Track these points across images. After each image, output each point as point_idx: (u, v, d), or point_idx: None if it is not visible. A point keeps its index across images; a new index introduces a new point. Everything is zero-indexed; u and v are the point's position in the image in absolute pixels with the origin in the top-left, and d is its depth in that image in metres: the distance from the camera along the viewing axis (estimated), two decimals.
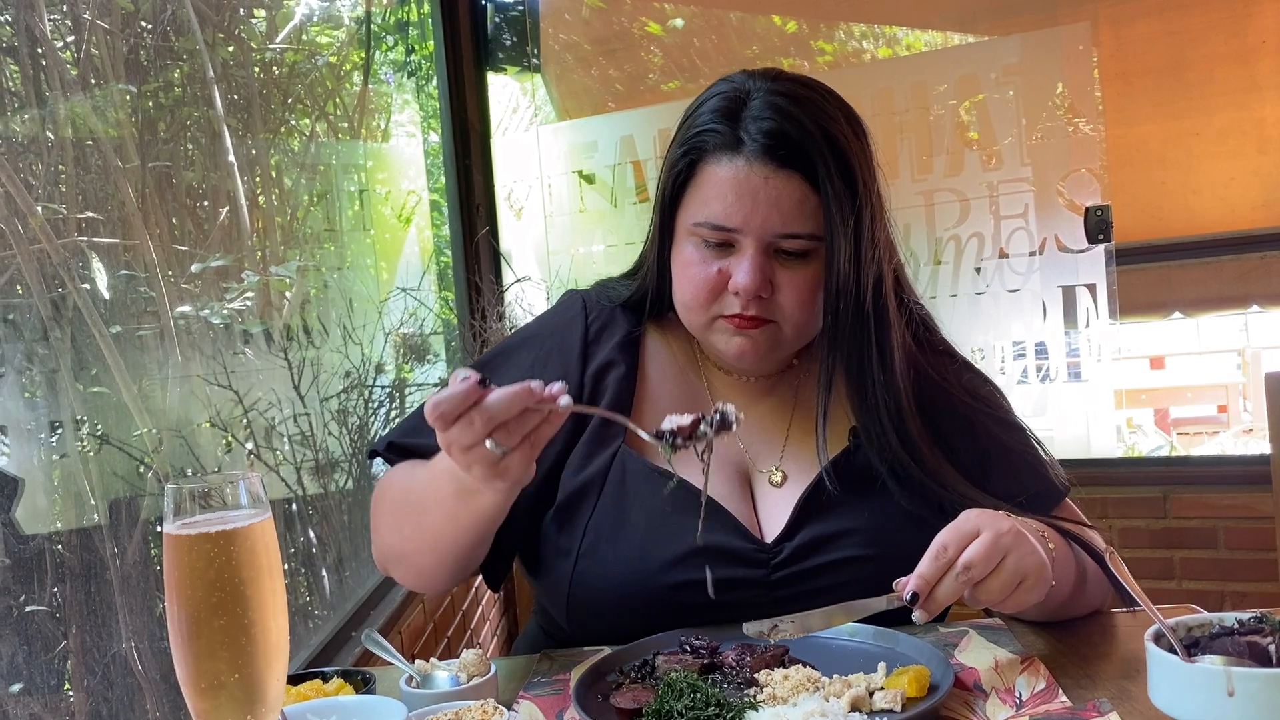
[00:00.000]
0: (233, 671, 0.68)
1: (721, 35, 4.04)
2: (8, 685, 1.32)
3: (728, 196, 1.17)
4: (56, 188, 1.59)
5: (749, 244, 1.18)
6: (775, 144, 1.16)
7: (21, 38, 1.52)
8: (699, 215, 1.20)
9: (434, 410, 0.97)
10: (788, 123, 1.16)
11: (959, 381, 1.33)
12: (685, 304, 1.25)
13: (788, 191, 1.17)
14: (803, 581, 1.21)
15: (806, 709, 0.93)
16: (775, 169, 1.16)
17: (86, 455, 1.59)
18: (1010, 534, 1.03)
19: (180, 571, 0.68)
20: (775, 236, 1.18)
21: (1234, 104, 3.55)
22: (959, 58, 3.42)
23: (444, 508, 1.14)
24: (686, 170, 1.22)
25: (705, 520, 1.16)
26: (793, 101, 1.18)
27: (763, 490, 1.28)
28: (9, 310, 1.44)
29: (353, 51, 2.85)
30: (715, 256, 1.20)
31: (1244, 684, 0.81)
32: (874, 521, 1.22)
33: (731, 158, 1.18)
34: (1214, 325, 5.20)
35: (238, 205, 2.04)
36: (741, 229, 1.18)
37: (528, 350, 1.36)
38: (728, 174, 1.18)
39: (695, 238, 1.22)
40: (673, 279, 1.27)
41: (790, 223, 1.17)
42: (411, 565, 1.25)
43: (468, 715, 0.94)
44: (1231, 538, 2.83)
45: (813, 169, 1.16)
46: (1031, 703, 0.98)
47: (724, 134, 1.18)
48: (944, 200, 3.19)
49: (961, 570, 1.01)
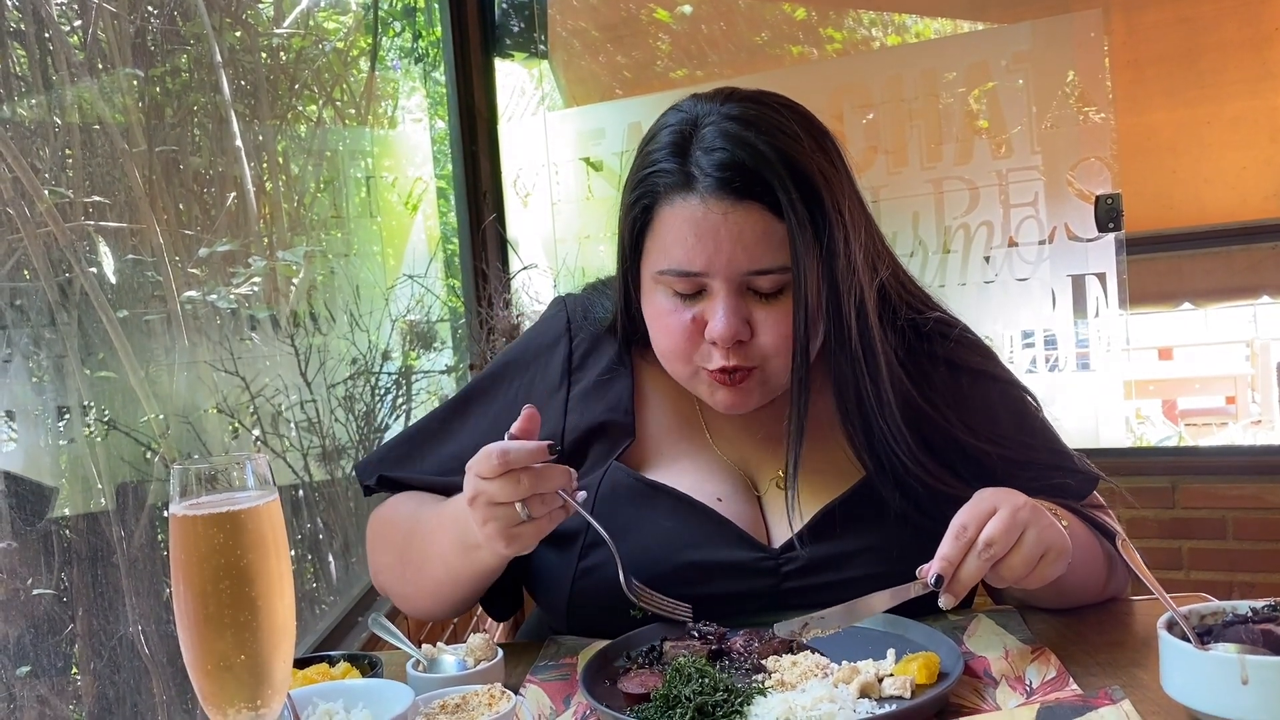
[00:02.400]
0: (239, 653, 0.68)
1: (730, 22, 4.03)
2: (15, 668, 1.32)
3: (688, 240, 1.09)
4: (63, 172, 1.58)
5: (719, 286, 1.10)
6: (730, 175, 1.08)
7: (29, 21, 1.52)
8: (661, 264, 1.12)
9: (502, 458, 0.98)
10: (740, 150, 1.08)
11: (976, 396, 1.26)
12: (666, 355, 1.18)
13: (750, 225, 1.08)
14: (814, 594, 1.15)
15: (815, 695, 0.93)
16: (733, 203, 1.08)
17: (93, 440, 1.59)
18: (1027, 508, 1.01)
19: (187, 553, 0.68)
20: (745, 275, 1.10)
21: (1247, 92, 3.52)
22: (969, 45, 3.40)
23: (445, 561, 1.14)
24: (643, 216, 1.14)
25: (710, 534, 1.16)
26: (744, 125, 1.09)
27: (770, 494, 1.24)
28: (16, 295, 1.44)
29: (359, 37, 2.84)
30: (688, 304, 1.13)
31: (1258, 672, 0.81)
32: (886, 540, 1.16)
33: (685, 197, 1.09)
34: (1223, 316, 5.17)
35: (245, 191, 2.03)
36: (707, 271, 1.09)
37: (510, 379, 1.33)
38: (684, 215, 1.09)
39: (664, 287, 1.14)
40: (649, 330, 1.19)
41: (757, 258, 1.09)
42: (407, 603, 1.27)
43: (474, 699, 0.94)
44: (1240, 528, 2.82)
45: (774, 196, 1.08)
46: (1042, 690, 0.97)
47: (674, 172, 1.10)
48: (953, 188, 3.18)
49: (983, 548, 0.99)
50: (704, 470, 1.23)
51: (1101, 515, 1.25)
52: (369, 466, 1.34)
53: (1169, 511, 2.92)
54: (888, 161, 3.25)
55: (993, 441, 1.21)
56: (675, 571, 1.15)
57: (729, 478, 1.24)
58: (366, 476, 1.34)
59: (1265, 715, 0.80)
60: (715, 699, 0.93)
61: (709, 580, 1.15)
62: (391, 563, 1.26)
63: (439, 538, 1.15)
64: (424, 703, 0.94)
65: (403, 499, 1.30)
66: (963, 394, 1.25)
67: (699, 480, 1.22)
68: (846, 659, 1.01)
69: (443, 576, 1.17)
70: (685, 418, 1.28)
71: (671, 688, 0.94)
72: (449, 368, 3.08)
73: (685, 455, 1.25)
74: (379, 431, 2.60)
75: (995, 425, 1.23)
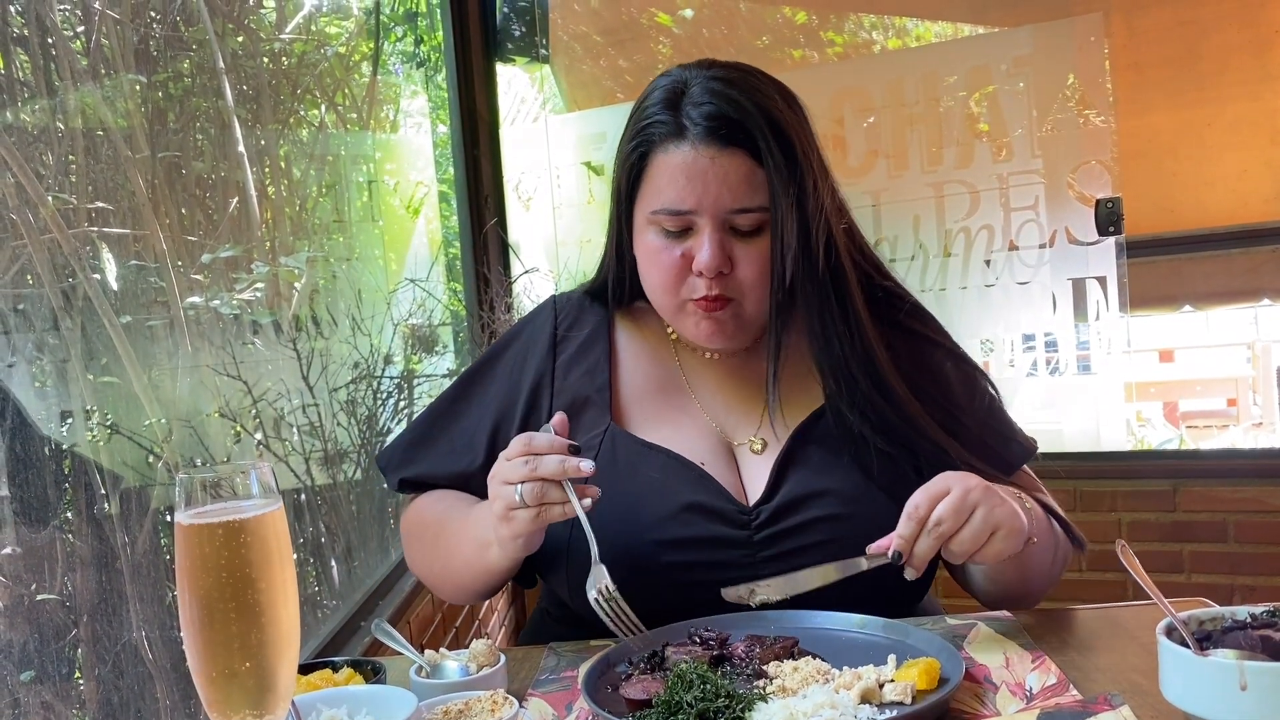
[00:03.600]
0: (244, 661, 0.68)
1: (731, 26, 4.03)
2: (19, 673, 1.33)
3: (679, 181, 1.24)
4: (66, 178, 1.59)
5: (705, 223, 1.24)
6: (717, 125, 1.23)
7: (32, 27, 1.52)
8: (655, 203, 1.26)
9: (525, 443, 1.15)
10: (726, 104, 1.23)
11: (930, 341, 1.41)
12: (655, 289, 1.32)
13: (734, 168, 1.23)
14: (783, 541, 1.26)
15: (816, 701, 0.93)
16: (720, 149, 1.23)
17: (97, 445, 1.60)
18: (979, 489, 1.11)
19: (192, 561, 0.68)
20: (728, 213, 1.24)
21: (1247, 95, 3.52)
22: (969, 49, 3.41)
23: (467, 562, 1.29)
24: (639, 163, 1.29)
25: (694, 486, 1.27)
26: (728, 84, 1.25)
27: (745, 459, 1.35)
28: (20, 300, 1.45)
29: (361, 42, 2.85)
30: (676, 241, 1.27)
31: (1257, 678, 0.81)
32: (848, 482, 1.28)
33: (678, 144, 1.24)
34: (1224, 319, 5.18)
35: (247, 196, 2.04)
36: (696, 210, 1.24)
37: (505, 357, 1.46)
38: (677, 160, 1.24)
39: (655, 226, 1.28)
40: (640, 268, 1.34)
41: (740, 198, 1.23)
42: (441, 592, 1.44)
43: (477, 705, 0.94)
44: (1241, 531, 2.82)
45: (755, 144, 1.23)
46: (1042, 695, 0.98)
47: (669, 123, 1.25)
48: (954, 192, 3.18)
49: (933, 526, 1.10)
50: (688, 431, 1.36)
51: (1044, 498, 1.36)
52: (392, 456, 1.49)
53: (1170, 515, 2.92)
54: (889, 165, 3.25)
55: (942, 406, 1.33)
56: (669, 516, 1.26)
57: (711, 442, 1.35)
58: (389, 467, 1.48)
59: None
60: (717, 705, 0.93)
61: (688, 521, 1.26)
62: (424, 557, 1.42)
63: (462, 539, 1.29)
64: (427, 709, 0.95)
65: (432, 499, 1.43)
66: (919, 358, 1.37)
67: (686, 441, 1.34)
68: (848, 664, 1.02)
69: (465, 571, 1.31)
70: (668, 377, 1.41)
71: (673, 693, 0.95)
72: (451, 371, 3.09)
73: (670, 415, 1.37)
74: (381, 435, 2.61)
75: (949, 393, 1.36)
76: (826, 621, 1.17)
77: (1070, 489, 2.97)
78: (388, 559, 2.47)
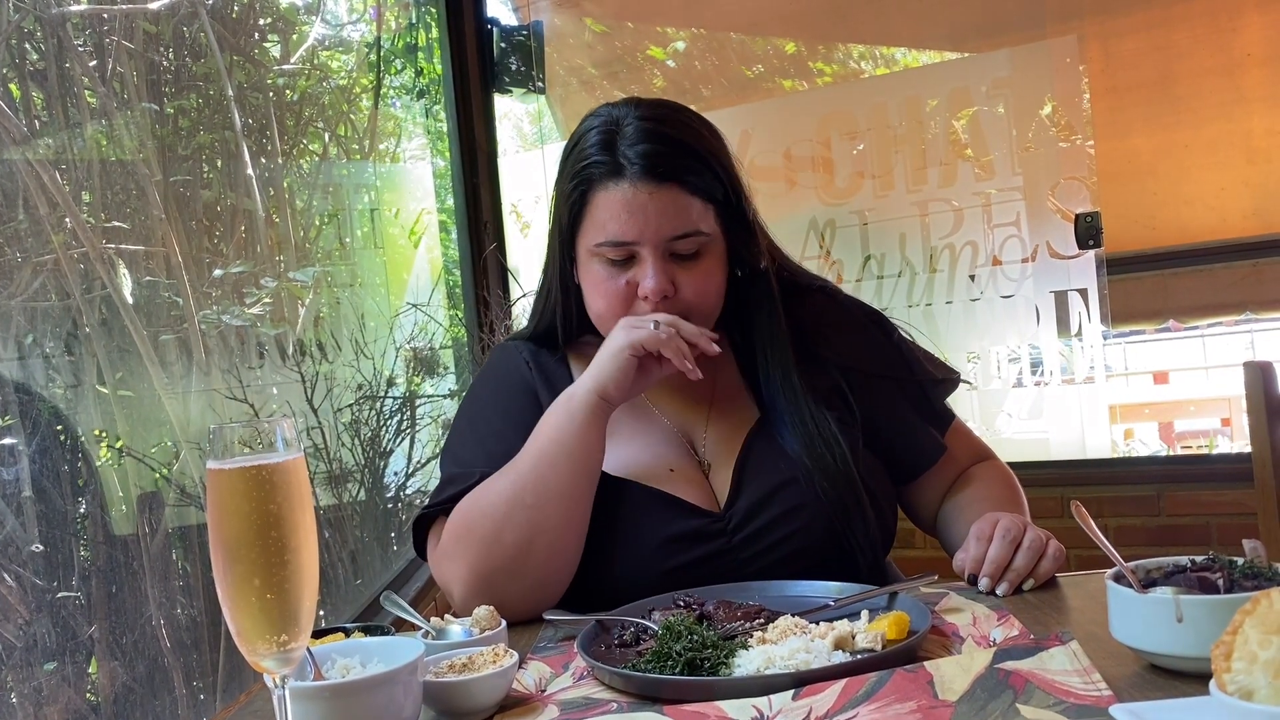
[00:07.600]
0: (269, 590, 0.77)
1: (722, 57, 4.15)
2: (42, 663, 1.40)
3: (621, 216, 1.33)
4: (81, 203, 1.67)
5: (647, 253, 1.34)
6: (652, 163, 1.33)
7: (50, 60, 1.62)
8: (599, 237, 1.35)
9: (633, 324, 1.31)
10: (659, 142, 1.33)
11: None
12: (603, 317, 1.40)
13: (670, 200, 1.33)
14: (760, 539, 1.35)
15: (792, 647, 1.01)
16: (656, 184, 1.33)
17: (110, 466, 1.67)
18: (1012, 518, 1.27)
19: (224, 502, 0.77)
20: (669, 240, 1.34)
21: (1222, 116, 3.63)
22: (950, 72, 3.52)
23: (569, 453, 1.32)
24: (580, 200, 1.37)
25: (667, 513, 1.35)
26: (660, 123, 1.36)
27: (708, 452, 1.44)
28: (36, 316, 1.53)
29: (362, 75, 2.95)
30: (620, 270, 1.36)
31: (1190, 610, 0.88)
32: (803, 471, 1.37)
33: (618, 182, 1.33)
34: (1219, 342, 5.24)
35: (254, 224, 2.13)
36: (639, 240, 1.33)
37: (491, 404, 1.51)
38: (617, 196, 1.33)
39: (599, 258, 1.37)
40: (586, 299, 1.42)
41: (679, 225, 1.34)
42: (539, 550, 1.31)
43: (479, 659, 1.02)
44: (1224, 533, 2.89)
45: (687, 176, 1.34)
46: (1004, 644, 1.05)
47: (607, 162, 1.34)
48: (938, 210, 3.28)
49: (1011, 542, 1.24)
50: (654, 439, 1.45)
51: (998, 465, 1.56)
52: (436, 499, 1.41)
53: (1155, 519, 2.99)
54: (874, 185, 3.36)
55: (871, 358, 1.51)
56: (649, 555, 1.34)
57: (676, 446, 1.45)
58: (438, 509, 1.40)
59: (1197, 650, 0.87)
60: (704, 654, 1.01)
61: (674, 555, 1.34)
62: (497, 536, 1.31)
63: (548, 450, 1.32)
64: (433, 664, 1.02)
65: (477, 490, 1.36)
66: (837, 324, 1.53)
67: (654, 450, 1.43)
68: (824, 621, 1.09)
69: (567, 472, 1.32)
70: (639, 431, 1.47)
71: (664, 644, 1.02)
72: (452, 392, 3.16)
73: (638, 428, 1.46)
74: (384, 455, 2.68)
75: (872, 343, 1.53)
76: (806, 590, 1.25)
77: (1058, 495, 3.04)
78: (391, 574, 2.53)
